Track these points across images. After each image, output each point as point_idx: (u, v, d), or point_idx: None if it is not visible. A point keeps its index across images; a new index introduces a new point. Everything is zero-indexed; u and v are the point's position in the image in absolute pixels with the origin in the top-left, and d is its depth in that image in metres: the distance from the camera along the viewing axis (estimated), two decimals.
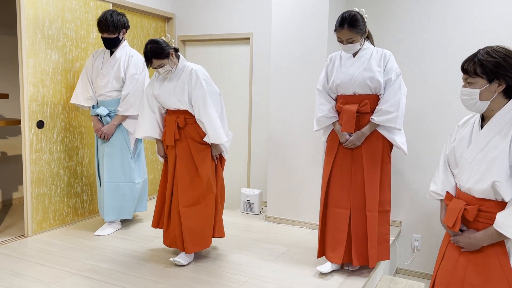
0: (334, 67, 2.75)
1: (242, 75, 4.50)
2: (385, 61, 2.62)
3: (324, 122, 2.77)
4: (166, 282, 2.60)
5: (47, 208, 3.46)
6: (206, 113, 2.74)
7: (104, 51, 3.40)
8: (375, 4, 3.78)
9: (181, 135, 2.82)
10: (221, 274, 2.74)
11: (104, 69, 3.33)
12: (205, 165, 2.81)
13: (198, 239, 2.80)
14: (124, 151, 3.39)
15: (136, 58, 3.35)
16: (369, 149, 2.66)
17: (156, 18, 4.56)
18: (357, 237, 2.68)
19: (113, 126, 3.34)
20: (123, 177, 3.41)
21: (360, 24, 2.56)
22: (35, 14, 3.26)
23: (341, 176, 2.71)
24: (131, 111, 3.31)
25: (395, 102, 2.58)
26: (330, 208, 2.74)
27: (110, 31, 3.22)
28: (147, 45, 2.72)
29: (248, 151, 4.48)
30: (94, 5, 3.72)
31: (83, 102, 3.38)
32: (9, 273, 2.67)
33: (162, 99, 2.85)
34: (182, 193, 2.79)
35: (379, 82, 2.59)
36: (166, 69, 2.77)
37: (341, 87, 2.68)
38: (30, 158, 3.29)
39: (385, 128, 2.64)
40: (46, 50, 3.35)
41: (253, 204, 4.16)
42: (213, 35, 4.54)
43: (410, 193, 3.79)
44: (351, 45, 2.60)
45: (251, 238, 3.45)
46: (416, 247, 3.80)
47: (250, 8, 4.32)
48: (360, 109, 2.64)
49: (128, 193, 3.44)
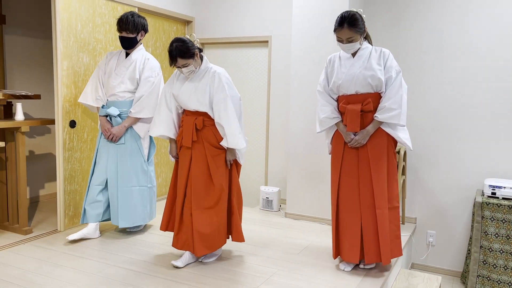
0: (334, 68, 2.79)
1: (260, 77, 4.65)
2: (385, 59, 2.67)
3: (328, 123, 2.81)
4: (194, 278, 2.75)
5: (78, 204, 3.61)
6: (227, 117, 2.71)
7: (119, 53, 3.36)
8: (395, 5, 3.92)
9: (198, 137, 2.78)
10: (245, 269, 2.88)
11: (117, 69, 3.27)
12: (219, 170, 2.78)
13: (206, 243, 2.78)
14: (137, 155, 3.31)
15: (152, 62, 3.30)
16: (374, 147, 2.71)
17: (177, 21, 4.71)
18: (368, 236, 2.72)
19: (123, 127, 3.25)
20: (136, 181, 3.31)
21: (360, 24, 2.62)
22: (69, 19, 3.41)
23: (350, 175, 2.76)
24: (143, 113, 3.24)
25: (397, 99, 2.63)
26: (341, 209, 2.79)
27: (129, 30, 3.18)
28: (173, 43, 2.67)
29: (265, 150, 4.63)
30: (121, 10, 3.87)
31: (92, 102, 3.31)
32: (50, 265, 2.83)
33: (182, 99, 2.81)
34: (195, 196, 2.76)
35: (380, 80, 2.64)
36: (190, 69, 2.74)
37: (343, 87, 2.72)
38: (63, 156, 3.45)
39: (389, 125, 2.70)
40: (78, 53, 3.51)
41: (272, 201, 4.30)
42: (231, 38, 4.69)
43: (425, 190, 3.93)
44: (350, 44, 2.64)
45: (272, 233, 3.59)
46: (430, 243, 3.94)
47: (268, 12, 4.47)
48: (364, 108, 2.69)
49: (142, 197, 3.36)
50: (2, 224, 3.52)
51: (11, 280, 2.59)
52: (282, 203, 4.45)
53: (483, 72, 3.63)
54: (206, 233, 2.76)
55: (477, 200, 3.37)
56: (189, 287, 2.55)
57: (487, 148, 3.67)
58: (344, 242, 2.79)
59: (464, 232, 3.80)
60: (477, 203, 3.36)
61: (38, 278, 2.63)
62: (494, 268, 3.30)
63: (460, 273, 3.82)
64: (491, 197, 3.37)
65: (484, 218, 3.33)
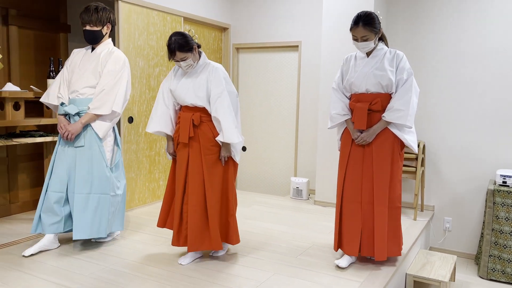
0: (349, 66, 2.87)
1: (290, 79, 5.12)
2: (398, 61, 2.73)
3: (337, 119, 2.88)
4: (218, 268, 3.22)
5: (134, 190, 4.14)
6: (223, 110, 2.70)
7: (86, 49, 3.14)
8: (418, 5, 4.35)
9: (195, 134, 2.76)
10: (283, 244, 3.35)
11: (81, 64, 3.04)
12: (214, 169, 2.77)
13: (197, 241, 2.77)
14: (98, 159, 2.97)
15: (117, 55, 3.04)
16: (379, 147, 2.76)
17: (214, 28, 5.21)
18: (366, 230, 2.79)
19: (80, 124, 2.92)
20: (96, 187, 2.96)
21: (375, 23, 2.68)
22: (129, 29, 3.94)
23: (354, 172, 2.82)
24: (103, 109, 2.93)
25: (406, 101, 2.67)
26: (345, 202, 2.86)
27: (92, 23, 2.98)
28: (172, 37, 2.68)
29: (295, 145, 5.09)
30: (170, 19, 4.39)
31: (53, 101, 3.05)
32: (122, 239, 3.34)
33: (179, 94, 2.80)
34: (191, 193, 2.76)
35: (391, 80, 2.70)
36: (188, 63, 2.73)
37: (355, 85, 2.80)
38: (123, 148, 3.98)
39: (396, 126, 2.74)
40: (135, 58, 4.03)
41: (301, 190, 4.76)
42: (264, 43, 5.17)
43: (442, 180, 4.34)
44: (365, 43, 2.70)
45: (303, 217, 4.05)
46: (447, 229, 4.34)
47: (299, 19, 4.93)
48: (372, 107, 2.74)
49: (101, 206, 2.98)
50: None
51: (90, 249, 3.12)
52: (311, 193, 4.90)
53: (495, 72, 4.03)
54: (197, 231, 2.75)
55: (489, 188, 3.76)
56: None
57: (499, 142, 4.06)
58: (345, 235, 2.86)
59: (478, 218, 4.19)
60: (489, 191, 3.75)
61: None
62: (504, 249, 3.68)
63: (474, 256, 4.22)
64: (502, 186, 3.76)
65: (496, 204, 3.72)
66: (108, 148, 3.07)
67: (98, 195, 2.98)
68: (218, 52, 5.31)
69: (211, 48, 5.17)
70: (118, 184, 3.12)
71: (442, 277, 3.21)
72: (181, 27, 4.55)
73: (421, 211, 4.36)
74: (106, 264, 2.82)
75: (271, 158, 5.34)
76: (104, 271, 2.72)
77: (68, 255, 2.96)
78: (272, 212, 4.22)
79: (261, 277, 2.69)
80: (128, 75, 3.07)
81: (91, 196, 2.95)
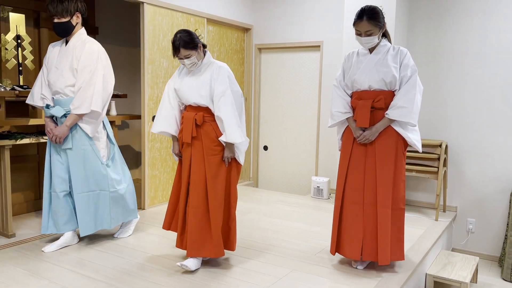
0: (351, 63, 2.78)
1: (312, 78, 5.14)
2: (401, 57, 2.65)
3: (339, 117, 2.79)
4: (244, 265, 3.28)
5: (158, 187, 4.26)
6: (226, 109, 2.62)
7: (61, 43, 3.00)
8: (441, 4, 4.31)
9: (198, 134, 2.69)
10: (303, 243, 3.39)
11: (57, 61, 2.91)
12: (216, 170, 2.68)
13: (196, 245, 2.67)
14: (92, 158, 2.96)
15: (89, 47, 2.90)
16: (382, 145, 2.67)
17: (237, 29, 5.29)
18: (368, 233, 2.69)
19: (65, 127, 2.86)
20: (94, 185, 2.99)
21: (380, 17, 2.61)
22: (154, 30, 4.05)
23: (356, 172, 2.72)
24: (83, 108, 2.84)
25: (410, 98, 2.59)
26: (346, 204, 2.76)
27: (59, 14, 2.83)
28: (177, 34, 2.63)
29: (316, 144, 5.12)
30: (193, 20, 4.49)
31: (38, 102, 2.98)
32: (144, 233, 3.46)
33: (183, 93, 2.74)
34: (192, 194, 2.68)
35: (395, 77, 2.61)
36: (192, 61, 2.66)
37: (357, 82, 2.71)
38: (147, 146, 4.10)
39: (399, 124, 2.65)
40: (160, 58, 4.15)
41: (322, 190, 4.78)
42: (286, 43, 5.21)
43: (465, 181, 4.28)
44: (369, 38, 2.63)
45: (324, 216, 4.08)
46: (470, 230, 4.28)
47: (321, 18, 4.95)
48: (375, 104, 2.66)
49: (102, 202, 3.02)
50: None
51: (114, 242, 3.23)
52: (332, 192, 4.91)
53: None
54: (196, 234, 2.66)
55: None
56: None
57: None
58: (345, 237, 2.76)
59: (502, 220, 4.12)
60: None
61: None
62: None
63: (497, 258, 4.15)
64: None
65: None
66: (102, 145, 3.02)
67: (98, 191, 3.00)
68: (241, 52, 5.38)
69: (234, 48, 5.25)
70: (118, 178, 3.10)
71: (463, 278, 3.19)
72: (204, 28, 4.64)
73: (444, 211, 4.31)
74: (131, 258, 2.93)
75: (292, 157, 5.38)
76: (128, 264, 2.82)
77: (92, 248, 3.09)
78: (292, 210, 4.26)
79: (279, 273, 2.74)
80: (103, 68, 2.92)
81: (91, 194, 2.98)
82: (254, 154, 5.65)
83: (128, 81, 5.25)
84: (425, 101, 4.43)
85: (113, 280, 2.58)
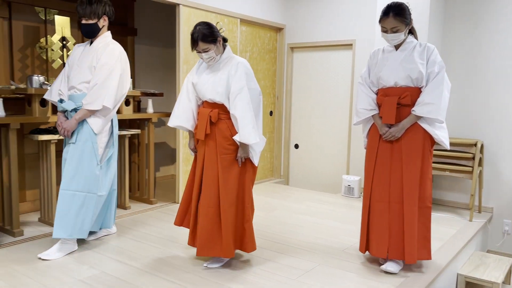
0: (377, 60, 2.75)
1: (344, 77, 5.15)
2: (428, 54, 2.60)
3: (364, 114, 2.77)
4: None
5: None
6: (241, 108, 2.54)
7: (87, 43, 3.07)
8: (477, 2, 4.23)
9: (212, 131, 2.63)
10: (331, 242, 3.43)
11: (79, 60, 2.97)
12: (229, 170, 2.61)
13: (206, 244, 2.63)
14: (89, 156, 2.88)
15: (112, 48, 2.94)
16: (408, 143, 2.63)
17: (270, 29, 5.37)
18: (394, 231, 2.66)
19: (74, 120, 2.85)
20: (83, 185, 2.86)
21: (406, 13, 2.57)
22: (189, 31, 4.19)
23: (382, 169, 2.70)
24: (96, 104, 2.83)
25: (438, 94, 2.54)
26: (373, 202, 2.74)
27: (87, 16, 2.89)
28: (196, 26, 2.58)
29: (348, 143, 5.12)
30: (227, 21, 4.61)
31: (55, 98, 3.01)
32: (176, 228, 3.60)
33: (200, 88, 2.68)
34: (204, 193, 2.64)
35: (421, 73, 2.57)
36: (210, 55, 2.59)
37: (382, 78, 2.69)
38: (182, 143, 4.25)
39: (426, 121, 2.61)
40: (195, 59, 4.29)
41: (353, 188, 4.79)
42: (318, 42, 5.24)
43: (502, 181, 4.17)
44: (395, 35, 2.59)
45: (353, 214, 4.09)
46: (506, 231, 4.17)
47: (353, 17, 4.95)
48: (401, 101, 2.63)
49: (86, 206, 2.89)
50: (134, 196, 4.41)
51: (150, 233, 3.39)
52: (362, 190, 4.89)
53: None
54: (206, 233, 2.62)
55: None
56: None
57: None
58: (373, 235, 2.75)
59: None
60: None
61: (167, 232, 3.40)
62: None
63: None
64: None
65: None
66: (102, 144, 2.95)
67: (85, 193, 2.87)
68: (273, 51, 5.46)
69: (266, 48, 5.33)
70: (106, 183, 3.01)
71: (495, 278, 3.14)
72: (237, 28, 4.75)
73: (479, 212, 4.22)
74: (166, 248, 3.07)
75: (323, 156, 5.41)
76: (163, 253, 2.96)
77: (130, 238, 3.26)
78: (322, 208, 4.30)
79: (307, 266, 2.80)
80: (122, 69, 2.94)
81: (77, 194, 2.85)
82: (285, 152, 5.71)
83: (164, 80, 5.45)
84: (460, 100, 4.36)
85: (149, 267, 2.73)
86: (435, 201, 4.46)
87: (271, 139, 5.63)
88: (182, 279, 2.57)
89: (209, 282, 2.55)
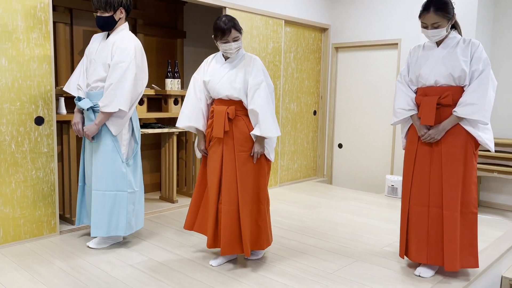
0: (417, 57, 2.61)
1: (389, 76, 5.12)
2: (473, 50, 2.43)
3: (402, 115, 2.63)
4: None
5: None
6: (261, 102, 2.52)
7: (103, 35, 2.96)
8: None
9: (229, 129, 2.58)
10: (368, 240, 3.45)
11: (96, 54, 2.88)
12: (246, 167, 2.59)
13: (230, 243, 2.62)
14: (113, 155, 2.86)
15: (127, 43, 2.81)
16: (449, 146, 2.48)
17: (315, 29, 5.43)
18: (434, 236, 2.55)
19: (95, 126, 2.81)
20: (111, 184, 2.87)
21: (448, 8, 2.41)
22: None
23: (421, 172, 2.57)
24: (112, 107, 2.76)
25: (482, 94, 2.37)
26: (412, 206, 2.63)
27: (102, 8, 2.79)
28: (222, 17, 2.57)
29: (392, 142, 5.08)
30: (272, 22, 4.73)
31: (73, 91, 2.94)
32: None
33: (214, 86, 2.63)
34: (225, 192, 2.59)
35: (464, 71, 2.42)
36: (239, 45, 2.58)
37: (422, 76, 2.54)
38: None
39: (469, 122, 2.45)
40: None
41: (396, 188, 4.75)
42: (363, 42, 5.24)
43: None
44: (436, 31, 2.44)
45: (395, 213, 4.08)
46: None
47: (398, 16, 4.91)
48: (441, 100, 2.47)
49: (118, 204, 2.90)
50: (181, 190, 4.63)
51: None
52: None
53: None
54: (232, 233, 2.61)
55: None
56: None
57: None
58: (413, 241, 2.64)
59: None
60: None
61: None
62: None
63: None
64: None
65: None
66: (124, 142, 2.91)
67: (115, 192, 2.88)
68: (317, 52, 5.52)
69: (310, 48, 5.40)
70: (136, 181, 2.98)
71: None
72: (282, 29, 4.86)
73: None
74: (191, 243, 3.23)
75: (367, 156, 5.39)
76: (193, 250, 3.13)
77: (176, 229, 3.45)
78: (364, 207, 4.31)
79: (344, 261, 2.86)
80: (136, 66, 2.81)
81: (107, 193, 2.86)
82: (329, 151, 5.75)
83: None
84: (506, 99, 4.21)
85: (194, 257, 2.89)
86: (482, 203, 4.34)
87: (315, 138, 5.69)
88: (225, 268, 2.72)
89: (253, 272, 2.67)
